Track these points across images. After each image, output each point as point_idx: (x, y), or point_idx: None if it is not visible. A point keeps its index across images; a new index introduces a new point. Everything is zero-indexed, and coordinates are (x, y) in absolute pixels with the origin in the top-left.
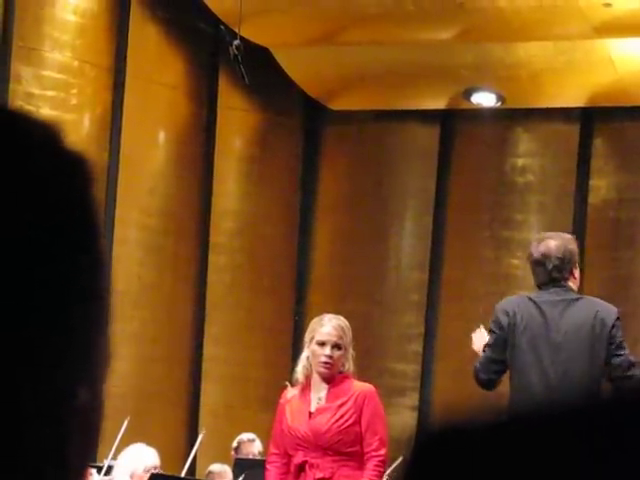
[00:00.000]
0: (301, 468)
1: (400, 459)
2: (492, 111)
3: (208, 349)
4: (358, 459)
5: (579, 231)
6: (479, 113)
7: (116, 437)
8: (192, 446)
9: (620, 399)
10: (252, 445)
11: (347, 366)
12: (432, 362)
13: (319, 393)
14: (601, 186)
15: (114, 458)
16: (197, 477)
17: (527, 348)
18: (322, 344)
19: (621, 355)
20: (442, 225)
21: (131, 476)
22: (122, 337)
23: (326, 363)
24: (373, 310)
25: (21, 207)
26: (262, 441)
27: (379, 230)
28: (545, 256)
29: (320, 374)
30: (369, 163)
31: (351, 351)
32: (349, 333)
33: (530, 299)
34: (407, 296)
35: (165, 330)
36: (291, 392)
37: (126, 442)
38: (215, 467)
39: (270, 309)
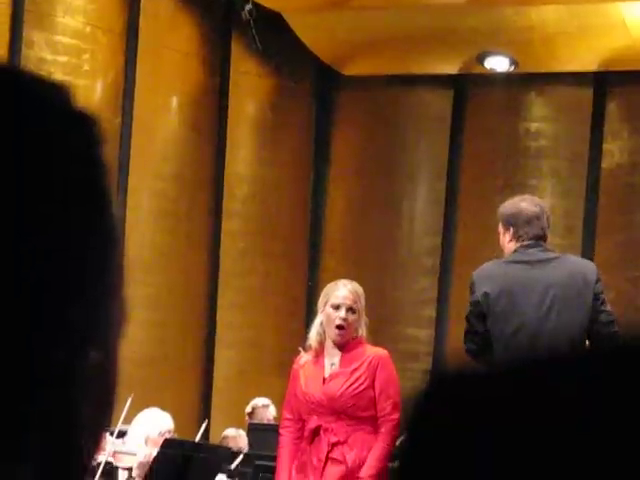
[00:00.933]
0: (315, 432)
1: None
2: (505, 76)
3: (221, 315)
4: (372, 423)
5: (592, 195)
6: (492, 78)
7: (123, 409)
8: (206, 411)
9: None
10: (266, 410)
11: (360, 332)
12: (446, 327)
13: (333, 358)
14: (614, 150)
15: (125, 423)
16: (211, 442)
17: (509, 312)
18: (337, 307)
19: (607, 311)
20: (455, 190)
21: (146, 440)
22: (135, 303)
23: (340, 326)
24: (386, 275)
25: (28, 164)
26: (276, 406)
27: (392, 195)
28: (542, 211)
29: (334, 338)
30: (382, 128)
31: (365, 318)
32: (363, 299)
33: (512, 261)
34: (420, 261)
35: (178, 296)
36: (304, 357)
37: (139, 408)
38: (230, 432)
39: (283, 275)
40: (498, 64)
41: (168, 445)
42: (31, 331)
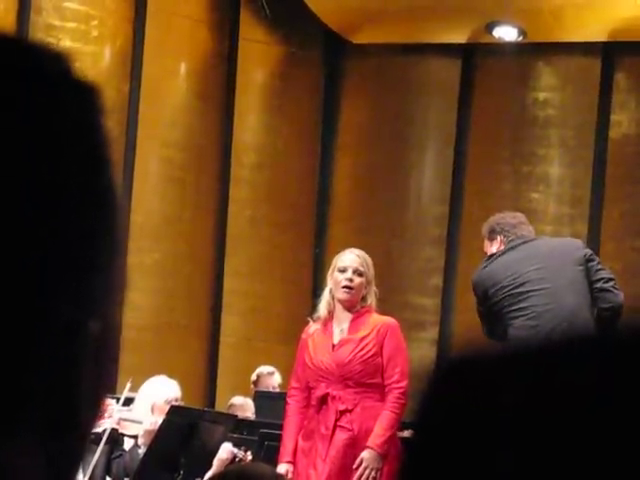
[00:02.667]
0: (323, 400)
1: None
2: (513, 45)
3: (228, 282)
4: (380, 391)
5: (599, 165)
6: (500, 47)
7: (138, 371)
8: (212, 379)
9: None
10: (271, 378)
11: (369, 300)
12: (452, 296)
13: (341, 326)
14: (622, 121)
15: (132, 391)
16: (217, 409)
17: (516, 300)
18: (343, 270)
19: (606, 272)
20: (463, 159)
21: (152, 407)
22: (142, 270)
23: (347, 287)
24: (394, 244)
25: (25, 133)
26: (281, 374)
27: (400, 164)
28: (526, 220)
29: (341, 297)
30: (390, 96)
31: (374, 288)
32: (371, 267)
33: (505, 253)
34: (428, 230)
35: (185, 263)
36: (313, 327)
37: (147, 375)
38: (237, 400)
39: (291, 243)
40: (507, 34)
41: (174, 412)
42: (27, 299)
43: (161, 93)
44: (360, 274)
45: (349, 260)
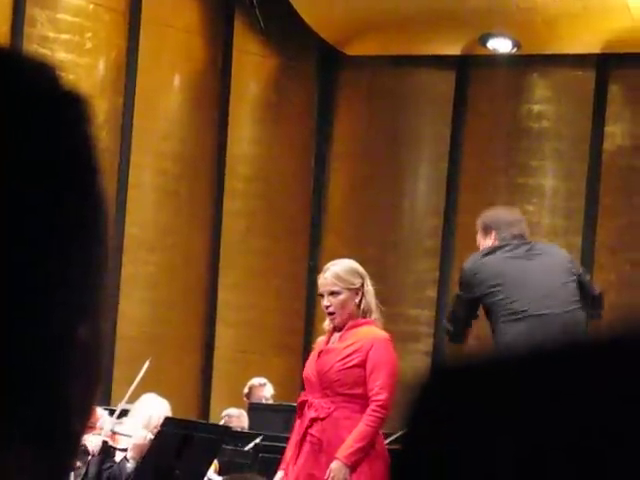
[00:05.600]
0: (301, 407)
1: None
2: (507, 57)
3: (223, 294)
4: (361, 402)
5: (594, 177)
6: (494, 59)
7: (132, 382)
8: (206, 391)
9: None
10: (263, 389)
11: (363, 307)
12: (446, 308)
13: (336, 337)
14: (616, 133)
15: (129, 402)
16: (211, 421)
17: (508, 297)
18: (321, 296)
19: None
20: (457, 171)
21: (144, 425)
22: (137, 281)
23: (328, 313)
24: (388, 255)
25: (11, 145)
26: (275, 386)
27: (394, 176)
28: (522, 218)
29: (332, 324)
30: (384, 109)
31: (369, 299)
32: (350, 275)
33: (497, 251)
34: (422, 242)
35: (180, 274)
36: (319, 339)
37: (141, 386)
38: (233, 411)
39: (285, 254)
40: (501, 45)
41: (168, 424)
42: (17, 307)
43: (155, 105)
44: (336, 293)
45: (321, 284)
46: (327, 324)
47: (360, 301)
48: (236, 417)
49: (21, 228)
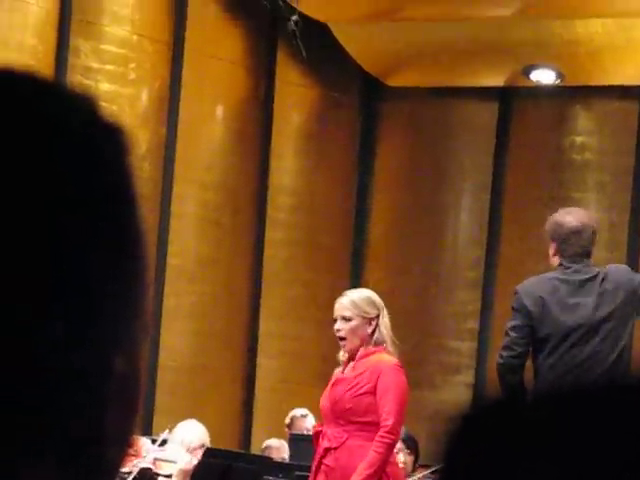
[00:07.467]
0: (317, 438)
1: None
2: (551, 88)
3: (264, 324)
4: (375, 430)
5: (637, 209)
6: (538, 90)
7: (173, 412)
8: (248, 421)
9: None
10: (305, 420)
11: (376, 336)
12: (488, 340)
13: (349, 367)
14: None
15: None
16: (252, 452)
17: (554, 334)
18: (335, 320)
19: None
20: (499, 202)
21: (187, 450)
22: (178, 312)
23: (339, 338)
24: (430, 287)
25: (48, 173)
26: (316, 416)
27: (436, 207)
28: (584, 227)
29: (342, 349)
30: (426, 140)
31: (382, 322)
32: (366, 304)
33: (558, 279)
34: (464, 273)
35: (221, 305)
36: (337, 369)
37: (182, 416)
38: (273, 442)
39: (326, 285)
40: (544, 77)
41: (210, 454)
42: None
43: (198, 135)
44: (348, 319)
45: (336, 309)
46: (342, 355)
47: (373, 332)
48: (276, 448)
49: (59, 259)
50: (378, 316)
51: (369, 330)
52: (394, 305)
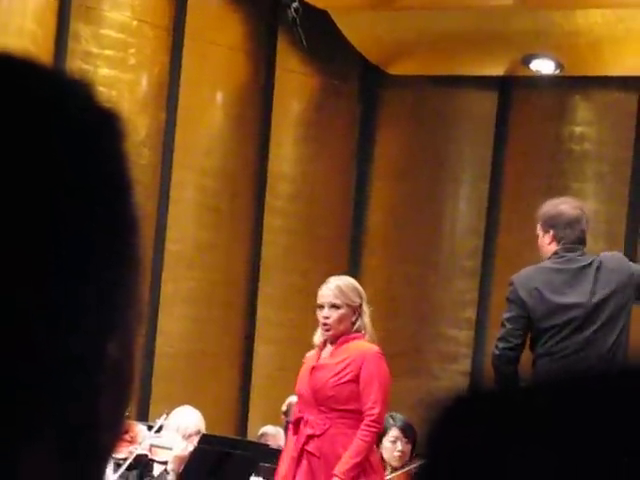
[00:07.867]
0: (297, 424)
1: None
2: (550, 78)
3: (262, 311)
4: (356, 417)
5: (636, 201)
6: (537, 80)
7: (170, 398)
8: (244, 408)
9: None
10: None
11: (358, 324)
12: (485, 329)
13: (327, 353)
14: None
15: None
16: (249, 438)
17: (552, 321)
18: (321, 307)
19: None
20: (498, 192)
21: (183, 436)
22: (176, 297)
23: (324, 324)
24: (427, 275)
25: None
26: None
27: (435, 195)
28: (582, 215)
29: (325, 337)
30: (426, 128)
31: (364, 311)
32: (352, 293)
33: (554, 268)
34: (462, 262)
35: (219, 291)
36: (309, 354)
37: (179, 402)
38: (269, 429)
39: (324, 273)
40: (544, 67)
41: (205, 441)
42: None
43: (197, 121)
44: (337, 306)
45: (322, 296)
46: (317, 338)
47: (355, 320)
48: (272, 435)
49: (56, 245)
50: (361, 305)
51: (352, 319)
52: (392, 293)
